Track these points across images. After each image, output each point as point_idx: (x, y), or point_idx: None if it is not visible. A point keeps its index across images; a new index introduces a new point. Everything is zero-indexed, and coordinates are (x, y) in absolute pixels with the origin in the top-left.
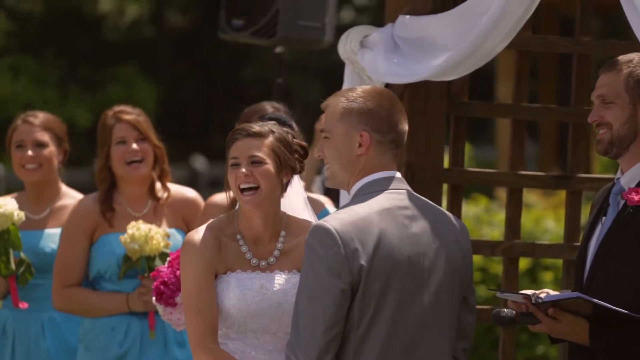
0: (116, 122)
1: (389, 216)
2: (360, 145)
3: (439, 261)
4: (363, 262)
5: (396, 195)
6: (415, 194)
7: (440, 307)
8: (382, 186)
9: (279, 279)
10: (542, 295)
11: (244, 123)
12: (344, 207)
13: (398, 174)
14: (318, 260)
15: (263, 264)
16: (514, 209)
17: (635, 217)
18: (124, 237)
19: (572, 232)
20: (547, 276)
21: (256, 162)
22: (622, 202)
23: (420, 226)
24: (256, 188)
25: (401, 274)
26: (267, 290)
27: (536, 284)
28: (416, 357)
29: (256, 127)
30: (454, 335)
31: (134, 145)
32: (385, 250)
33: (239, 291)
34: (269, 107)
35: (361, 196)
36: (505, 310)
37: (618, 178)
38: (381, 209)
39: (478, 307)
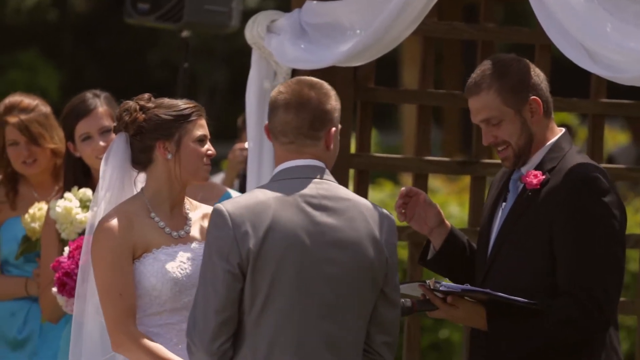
0: (5, 124)
1: (290, 203)
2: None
3: (344, 254)
4: (252, 245)
5: (308, 184)
6: (335, 185)
7: (342, 299)
8: (297, 174)
9: (198, 248)
10: (444, 283)
11: (70, 116)
12: (251, 190)
13: (321, 164)
14: (211, 242)
15: (179, 234)
16: None
17: (533, 200)
18: (24, 217)
19: (476, 216)
20: None
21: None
22: (522, 186)
23: (325, 217)
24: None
25: (295, 262)
26: (194, 259)
27: None
28: (312, 344)
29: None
30: (361, 329)
31: (24, 151)
32: (278, 235)
33: (174, 265)
34: (89, 94)
35: (273, 181)
36: (403, 300)
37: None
38: (283, 195)
39: None
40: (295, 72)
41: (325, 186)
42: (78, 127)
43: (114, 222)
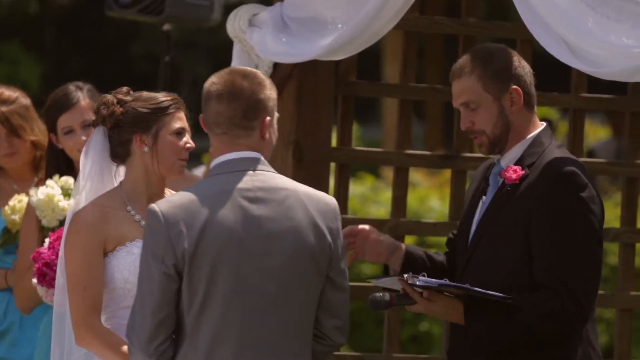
0: None
1: (225, 198)
2: None
3: (284, 244)
4: (187, 245)
5: (242, 177)
6: (272, 175)
7: (285, 290)
8: (233, 167)
9: None
10: (421, 277)
11: (53, 109)
12: (186, 188)
13: (256, 155)
14: (146, 243)
15: None
16: (400, 187)
17: (512, 195)
18: (4, 209)
19: (457, 210)
20: None
21: None
22: (501, 181)
23: (263, 209)
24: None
25: (232, 258)
26: None
27: None
28: (255, 339)
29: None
30: (308, 318)
31: (5, 143)
32: (213, 233)
33: None
34: (71, 87)
35: (209, 177)
36: (381, 294)
37: (498, 159)
38: (218, 191)
39: (362, 284)
40: (277, 66)
41: (262, 177)
42: (60, 120)
43: (87, 216)
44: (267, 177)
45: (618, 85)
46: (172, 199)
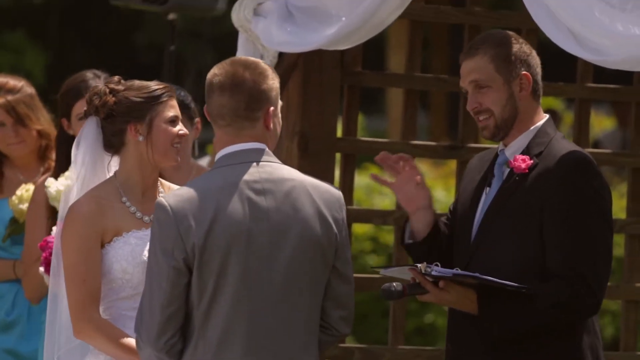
0: None
1: (232, 191)
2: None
3: (291, 235)
4: (197, 239)
5: (249, 169)
6: (278, 166)
7: (293, 281)
8: (238, 159)
9: None
10: (435, 267)
11: (69, 94)
12: (192, 181)
13: (261, 146)
14: (155, 237)
15: (151, 218)
16: None
17: (521, 185)
18: (11, 199)
19: None
20: None
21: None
22: (507, 171)
23: (270, 201)
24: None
25: (241, 250)
26: None
27: None
28: (264, 332)
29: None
30: (315, 308)
31: (11, 132)
32: (222, 226)
33: (145, 249)
34: (89, 74)
35: (215, 169)
36: (394, 284)
37: (501, 150)
38: (225, 184)
39: (367, 276)
40: (282, 55)
41: (268, 169)
42: (77, 106)
43: (83, 208)
44: (273, 168)
45: (623, 75)
46: (179, 193)
